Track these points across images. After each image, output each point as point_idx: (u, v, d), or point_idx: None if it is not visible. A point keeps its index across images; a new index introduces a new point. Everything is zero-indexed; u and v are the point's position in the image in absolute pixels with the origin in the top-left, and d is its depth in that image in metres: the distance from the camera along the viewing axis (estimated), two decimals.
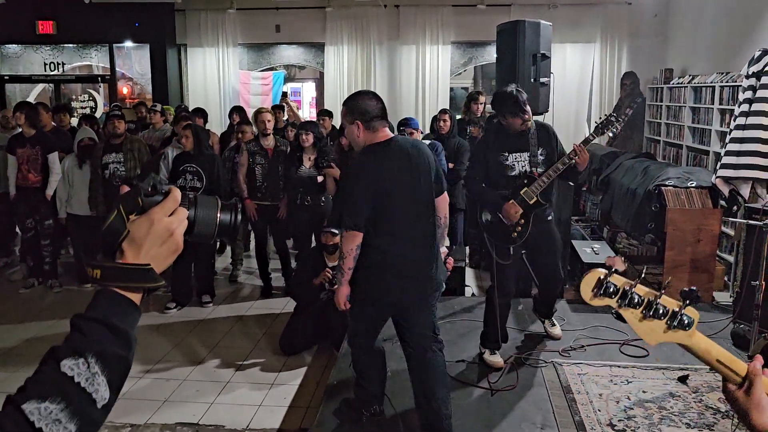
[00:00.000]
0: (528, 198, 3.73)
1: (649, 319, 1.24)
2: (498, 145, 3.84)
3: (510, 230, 3.80)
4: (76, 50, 10.61)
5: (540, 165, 3.80)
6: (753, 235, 4.16)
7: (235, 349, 4.71)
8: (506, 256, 3.83)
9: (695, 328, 1.24)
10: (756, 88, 5.38)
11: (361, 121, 2.90)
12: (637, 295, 1.23)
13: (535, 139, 3.81)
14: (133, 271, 0.96)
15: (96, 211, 5.82)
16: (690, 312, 1.24)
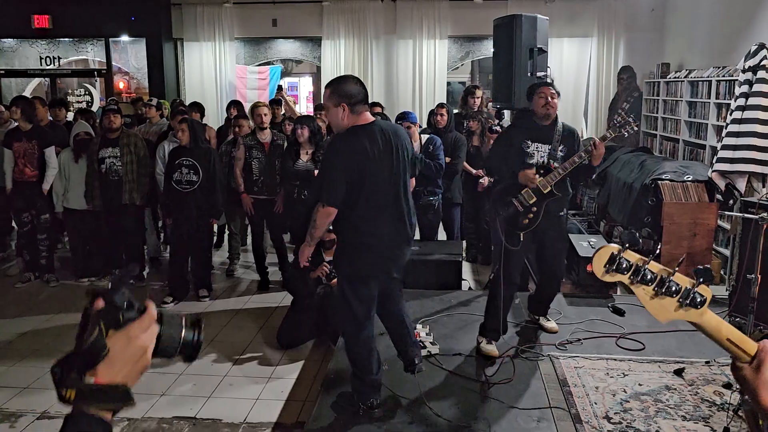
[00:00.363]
0: (543, 187, 3.83)
1: (660, 296, 1.24)
2: (523, 132, 3.98)
3: (522, 216, 3.87)
4: (71, 44, 10.57)
5: (558, 160, 3.89)
6: (749, 228, 4.17)
7: (232, 343, 4.71)
8: (516, 241, 3.88)
9: (707, 306, 1.24)
10: (752, 83, 5.39)
11: (347, 104, 3.03)
12: (650, 271, 1.23)
13: (560, 136, 3.94)
14: (109, 391, 0.92)
15: (92, 205, 5.81)
16: (702, 290, 1.24)
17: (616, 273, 1.23)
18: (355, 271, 3.17)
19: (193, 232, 5.52)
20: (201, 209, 5.48)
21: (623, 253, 1.23)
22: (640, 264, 1.23)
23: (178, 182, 5.41)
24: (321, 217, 3.09)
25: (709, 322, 1.26)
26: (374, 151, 3.01)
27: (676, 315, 1.25)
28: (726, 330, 1.25)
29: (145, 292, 5.86)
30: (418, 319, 4.54)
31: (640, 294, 1.25)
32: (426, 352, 4.00)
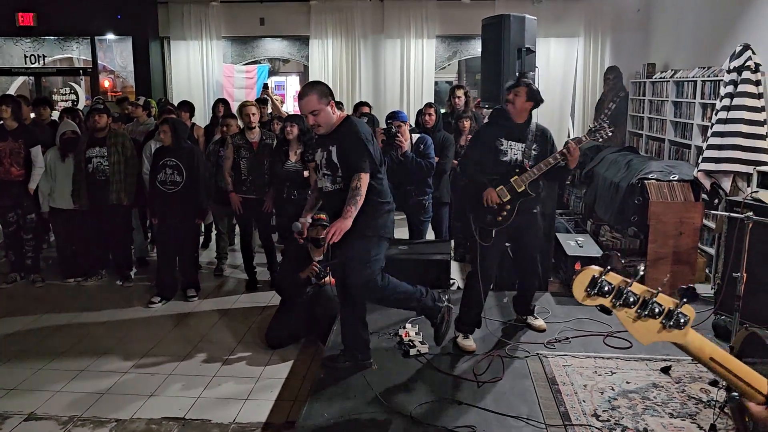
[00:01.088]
0: (517, 186, 3.90)
1: (643, 318, 1.22)
2: (497, 129, 4.02)
3: (495, 213, 3.94)
4: (56, 43, 10.47)
5: (531, 159, 3.96)
6: (734, 227, 4.22)
7: (221, 343, 4.69)
8: (488, 237, 3.95)
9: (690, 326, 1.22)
10: (737, 83, 5.45)
11: (333, 101, 3.45)
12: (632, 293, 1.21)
13: (533, 136, 3.99)
14: None
15: (79, 205, 5.77)
16: (686, 310, 1.21)
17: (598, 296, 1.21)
18: (384, 229, 3.56)
19: (180, 232, 5.50)
20: (186, 209, 5.46)
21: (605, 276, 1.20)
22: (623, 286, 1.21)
23: (162, 183, 5.38)
24: (364, 184, 3.37)
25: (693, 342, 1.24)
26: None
27: (660, 337, 1.22)
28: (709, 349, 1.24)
29: (132, 292, 5.83)
30: (407, 319, 4.55)
31: (622, 317, 1.23)
32: (415, 351, 4.01)
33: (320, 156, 3.53)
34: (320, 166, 3.54)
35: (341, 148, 3.42)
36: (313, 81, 3.50)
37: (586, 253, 5.22)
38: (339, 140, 3.44)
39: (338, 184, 3.48)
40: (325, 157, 3.49)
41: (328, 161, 3.48)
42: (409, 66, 9.75)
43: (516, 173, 3.91)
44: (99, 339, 4.79)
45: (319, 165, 3.54)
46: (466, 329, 4.16)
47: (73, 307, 5.44)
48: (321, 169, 3.53)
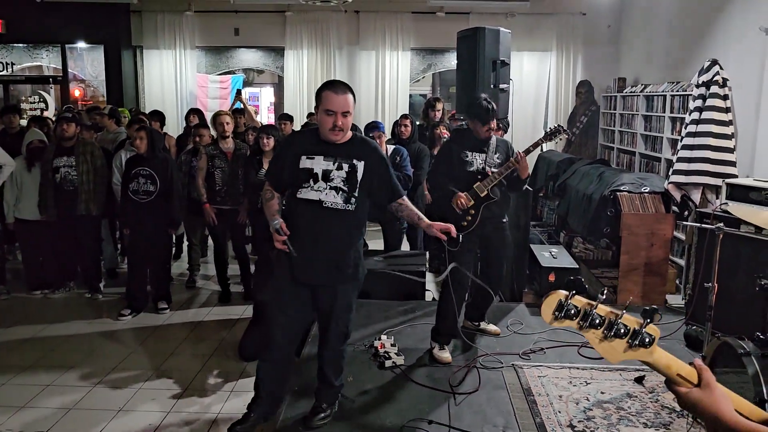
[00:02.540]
0: (479, 191, 4.08)
1: (610, 339, 1.26)
2: (462, 144, 4.20)
3: (460, 219, 4.07)
4: (26, 50, 10.28)
5: (495, 166, 4.15)
6: (705, 238, 4.29)
7: (193, 356, 4.61)
8: (455, 243, 4.00)
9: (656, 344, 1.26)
10: (705, 97, 5.57)
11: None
12: (598, 315, 1.25)
13: (494, 147, 4.20)
14: None
15: (46, 216, 5.63)
16: (651, 330, 1.26)
17: (565, 319, 1.25)
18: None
19: (152, 242, 5.41)
20: (158, 220, 5.38)
21: (571, 299, 1.24)
22: (588, 309, 1.25)
23: (135, 192, 5.30)
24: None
25: (660, 360, 1.28)
26: None
27: (627, 356, 1.26)
28: (676, 366, 1.27)
29: (101, 304, 5.70)
30: (383, 330, 4.53)
31: (590, 337, 1.26)
32: (391, 363, 3.99)
33: (327, 166, 3.10)
34: (326, 177, 3.10)
35: (369, 169, 3.14)
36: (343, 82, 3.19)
37: (560, 264, 5.26)
38: (365, 158, 3.14)
39: (351, 204, 3.12)
40: (347, 171, 3.11)
41: (348, 176, 3.11)
42: (384, 78, 9.78)
43: (479, 179, 4.09)
44: (66, 353, 4.67)
45: (323, 176, 3.10)
46: (441, 340, 4.15)
47: (40, 320, 5.30)
48: (325, 180, 3.09)
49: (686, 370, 1.26)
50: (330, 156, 3.12)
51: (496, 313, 4.88)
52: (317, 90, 3.13)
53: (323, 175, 3.10)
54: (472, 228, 4.08)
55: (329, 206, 3.09)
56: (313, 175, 3.10)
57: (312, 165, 3.11)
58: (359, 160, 3.14)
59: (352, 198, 3.12)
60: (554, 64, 9.73)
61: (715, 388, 1.22)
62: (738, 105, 5.73)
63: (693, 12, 6.95)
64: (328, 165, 3.10)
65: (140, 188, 5.30)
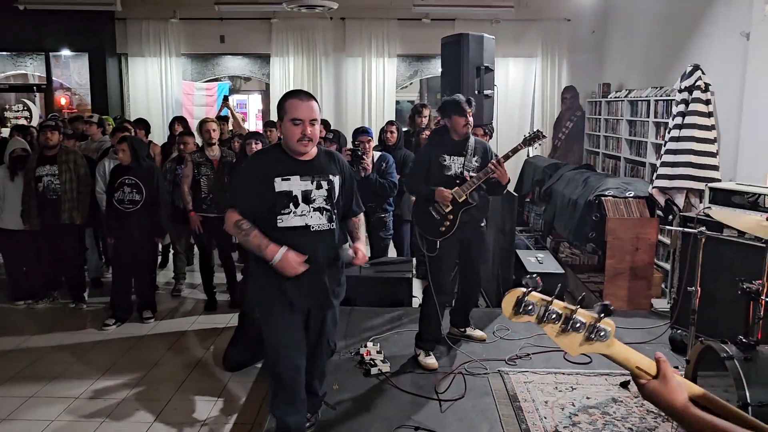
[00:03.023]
0: (458, 196, 4.04)
1: (567, 332, 1.31)
2: (440, 147, 4.16)
3: (438, 224, 4.05)
4: (10, 58, 10.20)
5: (472, 170, 4.11)
6: (688, 242, 4.31)
7: (178, 366, 4.57)
8: (432, 248, 4.09)
9: (613, 337, 1.31)
10: (688, 102, 5.61)
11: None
12: (554, 311, 1.31)
13: (472, 149, 4.15)
14: None
15: (29, 225, 5.58)
16: (606, 323, 1.31)
17: (524, 314, 1.32)
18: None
19: (137, 251, 5.37)
20: (144, 229, 5.34)
21: (527, 296, 1.31)
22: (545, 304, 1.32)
23: (120, 201, 5.26)
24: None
25: (618, 353, 1.33)
26: None
27: (585, 348, 1.32)
28: (634, 358, 1.33)
29: (85, 314, 5.65)
30: (369, 337, 4.51)
31: (549, 331, 1.33)
32: (377, 371, 3.97)
33: (306, 186, 2.86)
34: (307, 198, 2.86)
35: (343, 183, 3.00)
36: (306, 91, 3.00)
37: (546, 269, 5.27)
38: (340, 173, 2.98)
39: (334, 223, 2.96)
40: (327, 189, 2.90)
41: (329, 194, 2.91)
42: (371, 84, 9.79)
43: (457, 184, 4.05)
44: (50, 364, 4.61)
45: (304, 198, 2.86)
46: (426, 346, 4.15)
47: (23, 330, 5.24)
48: (307, 202, 2.86)
49: (645, 362, 1.31)
50: (306, 175, 2.87)
51: (482, 319, 4.88)
52: (279, 101, 2.90)
53: (304, 197, 2.86)
54: (450, 233, 4.07)
55: (316, 229, 2.89)
56: (293, 199, 2.84)
57: (290, 187, 2.84)
58: (335, 175, 2.95)
59: (333, 216, 2.94)
60: (539, 70, 9.78)
61: (671, 379, 1.27)
62: (720, 109, 5.78)
63: (675, 18, 7.02)
64: (307, 185, 2.86)
65: (125, 197, 5.26)
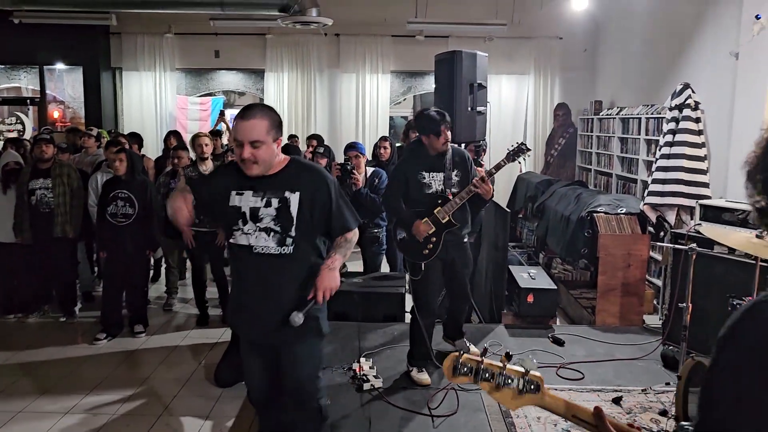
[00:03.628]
0: (441, 217, 3.93)
1: (500, 388, 1.37)
2: (417, 164, 4.01)
3: (422, 247, 3.96)
4: (3, 72, 10.21)
5: (454, 186, 3.99)
6: (679, 259, 4.34)
7: (169, 381, 4.53)
8: (417, 271, 4.01)
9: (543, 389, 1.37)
10: (678, 120, 5.68)
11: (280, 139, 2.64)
12: (485, 369, 1.37)
13: (451, 163, 4.01)
14: None
15: (21, 239, 5.55)
16: (533, 377, 1.37)
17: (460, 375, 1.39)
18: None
19: (129, 265, 5.35)
20: (137, 243, 5.33)
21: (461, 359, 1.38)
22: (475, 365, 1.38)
23: (113, 215, 5.25)
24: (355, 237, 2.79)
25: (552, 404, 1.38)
26: None
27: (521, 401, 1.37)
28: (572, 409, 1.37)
29: (76, 328, 5.61)
30: (361, 353, 4.50)
31: (486, 388, 1.38)
32: (369, 386, 3.96)
33: (255, 203, 2.60)
34: (254, 216, 2.59)
35: (307, 200, 2.60)
36: (264, 104, 2.70)
37: (539, 285, 5.28)
38: (301, 188, 2.61)
39: (287, 247, 2.58)
40: (276, 207, 2.58)
41: (279, 213, 2.58)
42: (365, 100, 9.85)
43: (439, 204, 3.93)
44: (39, 378, 4.57)
45: (252, 215, 2.59)
46: (418, 363, 4.14)
47: (13, 344, 5.19)
48: (254, 221, 2.59)
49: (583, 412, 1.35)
50: (259, 190, 2.60)
51: (475, 335, 4.88)
52: None
53: (251, 215, 2.59)
54: (434, 255, 3.98)
55: (260, 252, 2.59)
56: (242, 215, 2.60)
57: (240, 202, 2.61)
58: (293, 191, 2.59)
59: (287, 239, 2.57)
60: (532, 87, 9.87)
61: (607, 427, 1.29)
62: (710, 127, 5.84)
63: (665, 37, 7.11)
64: (256, 201, 2.59)
65: (118, 211, 5.25)
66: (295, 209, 2.58)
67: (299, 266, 2.62)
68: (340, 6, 8.66)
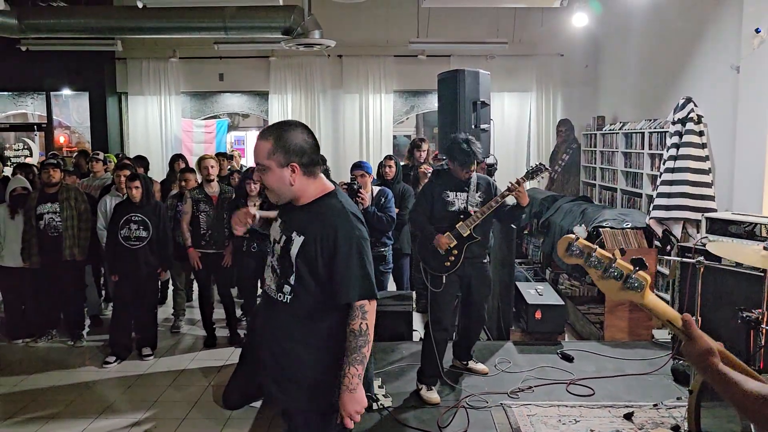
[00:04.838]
0: (462, 231, 4.07)
1: (606, 279, 1.48)
2: (443, 184, 4.22)
3: (444, 259, 4.08)
4: (10, 98, 10.33)
5: (477, 205, 4.15)
6: (687, 272, 4.33)
7: (177, 404, 4.52)
8: (438, 283, 4.11)
9: (648, 289, 1.46)
10: (682, 134, 5.70)
11: (299, 163, 2.17)
12: (596, 257, 1.50)
13: (475, 185, 4.21)
14: None
15: (29, 263, 5.58)
16: (640, 276, 1.46)
17: (572, 257, 1.53)
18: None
19: (140, 288, 5.37)
20: (150, 265, 5.35)
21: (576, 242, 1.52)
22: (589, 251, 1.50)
23: (126, 239, 5.27)
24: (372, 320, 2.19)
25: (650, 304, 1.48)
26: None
27: (621, 295, 1.48)
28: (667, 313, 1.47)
29: (84, 352, 5.61)
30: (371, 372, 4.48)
31: (592, 274, 1.51)
32: (379, 405, 3.94)
33: (276, 235, 2.30)
34: (272, 249, 2.31)
35: (310, 246, 2.16)
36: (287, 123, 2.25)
37: (546, 301, 5.27)
38: (308, 231, 2.18)
39: (284, 295, 2.20)
40: (281, 246, 2.23)
41: (282, 254, 2.22)
42: (368, 120, 9.92)
43: (461, 219, 4.08)
44: (47, 403, 4.56)
45: (272, 246, 2.31)
46: (428, 381, 4.12)
47: (21, 369, 5.19)
48: (271, 254, 2.32)
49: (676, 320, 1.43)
50: (282, 221, 2.31)
51: (483, 352, 4.86)
52: None
53: (272, 246, 2.31)
54: (455, 268, 4.09)
55: (266, 289, 2.33)
56: (272, 243, 2.34)
57: (272, 230, 2.36)
58: (300, 233, 2.19)
59: (284, 286, 2.20)
60: (534, 104, 9.93)
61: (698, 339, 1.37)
62: (714, 140, 5.86)
63: (665, 52, 7.16)
64: (278, 233, 2.29)
65: (132, 234, 5.28)
66: (294, 252, 2.17)
67: (299, 322, 2.20)
68: (343, 28, 8.76)
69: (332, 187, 2.30)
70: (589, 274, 1.50)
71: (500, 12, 9.15)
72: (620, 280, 1.45)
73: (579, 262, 1.50)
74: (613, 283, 1.46)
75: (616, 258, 1.47)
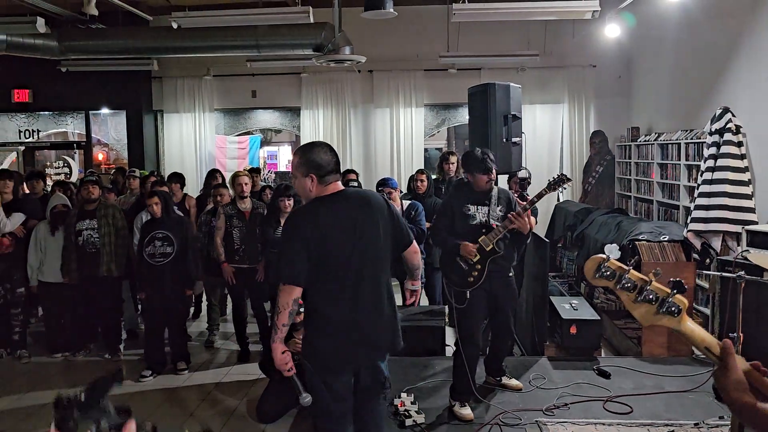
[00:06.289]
0: (485, 245, 4.01)
1: (640, 303, 1.37)
2: (463, 198, 4.19)
3: (467, 274, 4.03)
4: (51, 117, 10.63)
5: (498, 219, 4.11)
6: (728, 287, 4.22)
7: (212, 418, 4.56)
8: (462, 299, 4.05)
9: (684, 314, 1.35)
10: (720, 145, 5.58)
11: (316, 175, 2.80)
12: (629, 280, 1.38)
13: (496, 198, 4.17)
14: None
15: (69, 279, 5.71)
16: (678, 300, 1.35)
17: (602, 279, 1.41)
18: (318, 361, 2.81)
19: (169, 303, 5.44)
20: (176, 280, 5.43)
21: (607, 262, 1.40)
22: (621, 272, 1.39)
23: (151, 255, 5.37)
24: (283, 296, 2.71)
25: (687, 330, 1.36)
26: (332, 222, 2.77)
27: (656, 320, 1.37)
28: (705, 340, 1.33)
29: (121, 366, 5.70)
30: (402, 388, 4.46)
31: (624, 298, 1.40)
32: (411, 422, 3.91)
33: None
34: None
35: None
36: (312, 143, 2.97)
37: (581, 316, 5.18)
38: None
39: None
40: None
41: None
42: (399, 134, 9.93)
43: (483, 233, 4.04)
44: None
45: None
46: (461, 397, 4.08)
47: (60, 383, 5.30)
48: None
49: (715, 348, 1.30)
50: None
51: (517, 368, 4.79)
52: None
53: None
54: (479, 283, 4.03)
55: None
56: None
57: None
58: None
59: None
60: (567, 116, 9.82)
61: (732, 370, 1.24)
62: (753, 151, 5.72)
63: (700, 61, 7.04)
64: None
65: (156, 251, 5.37)
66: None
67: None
68: (373, 43, 8.82)
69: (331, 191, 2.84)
70: (621, 297, 1.39)
71: (531, 24, 9.11)
72: (655, 303, 1.35)
73: (609, 284, 1.39)
74: (647, 307, 1.36)
75: (652, 280, 1.36)
